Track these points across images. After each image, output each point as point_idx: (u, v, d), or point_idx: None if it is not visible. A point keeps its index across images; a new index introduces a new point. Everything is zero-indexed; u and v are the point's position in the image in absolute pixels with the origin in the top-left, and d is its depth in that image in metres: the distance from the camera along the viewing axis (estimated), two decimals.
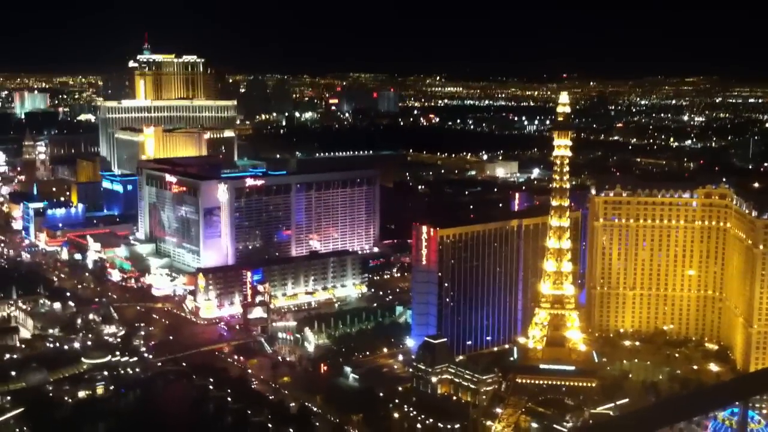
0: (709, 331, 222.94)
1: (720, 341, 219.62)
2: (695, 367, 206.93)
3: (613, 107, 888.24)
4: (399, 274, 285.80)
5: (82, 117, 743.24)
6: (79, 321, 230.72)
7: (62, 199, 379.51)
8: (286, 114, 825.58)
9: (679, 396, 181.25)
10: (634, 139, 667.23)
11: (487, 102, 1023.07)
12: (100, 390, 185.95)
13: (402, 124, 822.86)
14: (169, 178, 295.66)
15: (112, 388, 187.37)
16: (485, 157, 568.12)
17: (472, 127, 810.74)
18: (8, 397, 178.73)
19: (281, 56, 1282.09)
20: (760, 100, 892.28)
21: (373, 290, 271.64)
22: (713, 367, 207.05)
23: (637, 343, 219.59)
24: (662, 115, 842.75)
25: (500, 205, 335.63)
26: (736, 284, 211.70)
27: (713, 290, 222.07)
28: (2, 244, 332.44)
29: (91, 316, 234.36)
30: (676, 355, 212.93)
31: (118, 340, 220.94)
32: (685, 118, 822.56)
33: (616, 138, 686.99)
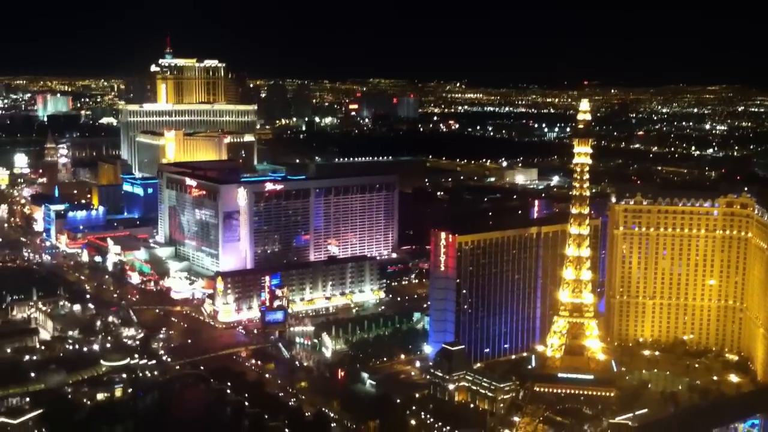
0: (729, 341, 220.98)
1: (740, 352, 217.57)
2: (715, 377, 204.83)
3: (634, 115, 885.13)
4: (417, 281, 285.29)
5: (104, 120, 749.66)
6: (98, 323, 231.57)
7: (83, 201, 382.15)
8: (306, 119, 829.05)
9: (699, 407, 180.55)
10: (655, 148, 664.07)
11: (507, 109, 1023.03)
12: (118, 392, 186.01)
13: (422, 130, 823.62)
14: (189, 181, 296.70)
15: (130, 390, 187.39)
16: (505, 164, 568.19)
17: (491, 133, 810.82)
18: (27, 399, 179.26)
19: (301, 61, 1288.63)
20: None
21: (390, 296, 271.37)
22: (733, 378, 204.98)
23: (657, 353, 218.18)
24: (683, 123, 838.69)
25: (519, 212, 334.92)
26: (757, 294, 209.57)
27: (734, 300, 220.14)
28: (23, 246, 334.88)
29: (110, 319, 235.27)
30: (696, 365, 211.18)
31: (137, 342, 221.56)
32: (707, 126, 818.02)
33: (636, 146, 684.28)
